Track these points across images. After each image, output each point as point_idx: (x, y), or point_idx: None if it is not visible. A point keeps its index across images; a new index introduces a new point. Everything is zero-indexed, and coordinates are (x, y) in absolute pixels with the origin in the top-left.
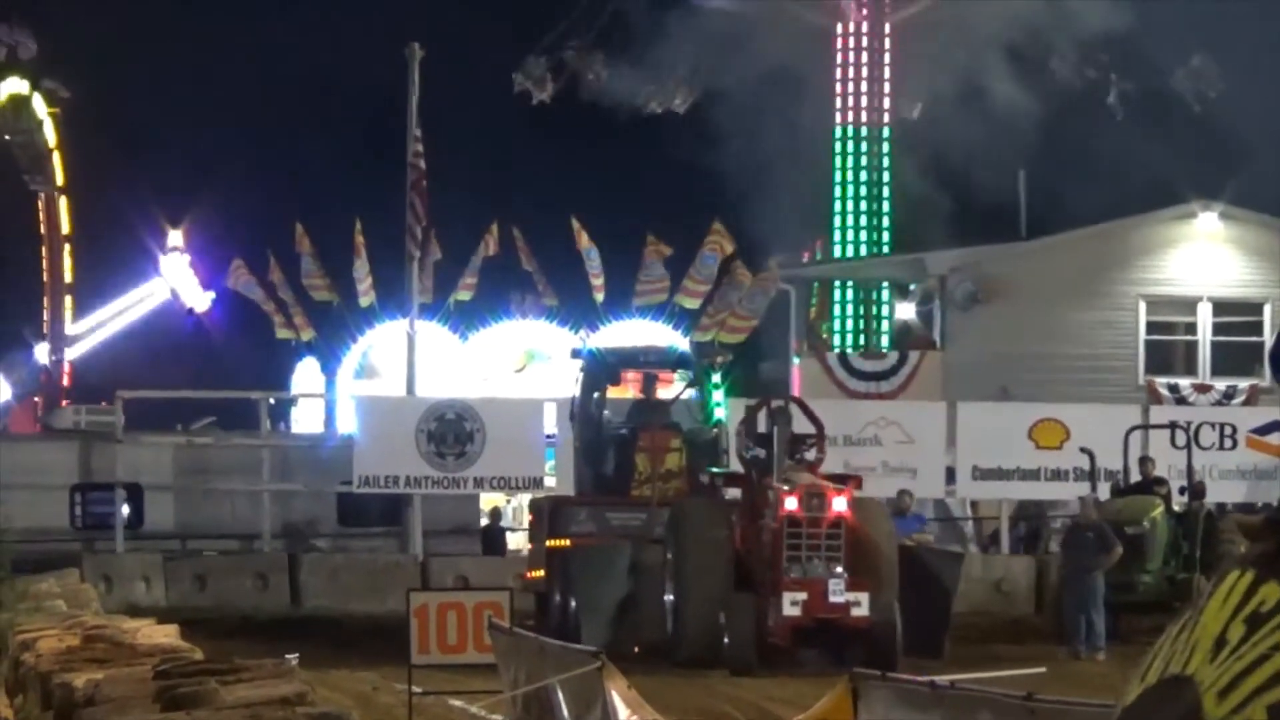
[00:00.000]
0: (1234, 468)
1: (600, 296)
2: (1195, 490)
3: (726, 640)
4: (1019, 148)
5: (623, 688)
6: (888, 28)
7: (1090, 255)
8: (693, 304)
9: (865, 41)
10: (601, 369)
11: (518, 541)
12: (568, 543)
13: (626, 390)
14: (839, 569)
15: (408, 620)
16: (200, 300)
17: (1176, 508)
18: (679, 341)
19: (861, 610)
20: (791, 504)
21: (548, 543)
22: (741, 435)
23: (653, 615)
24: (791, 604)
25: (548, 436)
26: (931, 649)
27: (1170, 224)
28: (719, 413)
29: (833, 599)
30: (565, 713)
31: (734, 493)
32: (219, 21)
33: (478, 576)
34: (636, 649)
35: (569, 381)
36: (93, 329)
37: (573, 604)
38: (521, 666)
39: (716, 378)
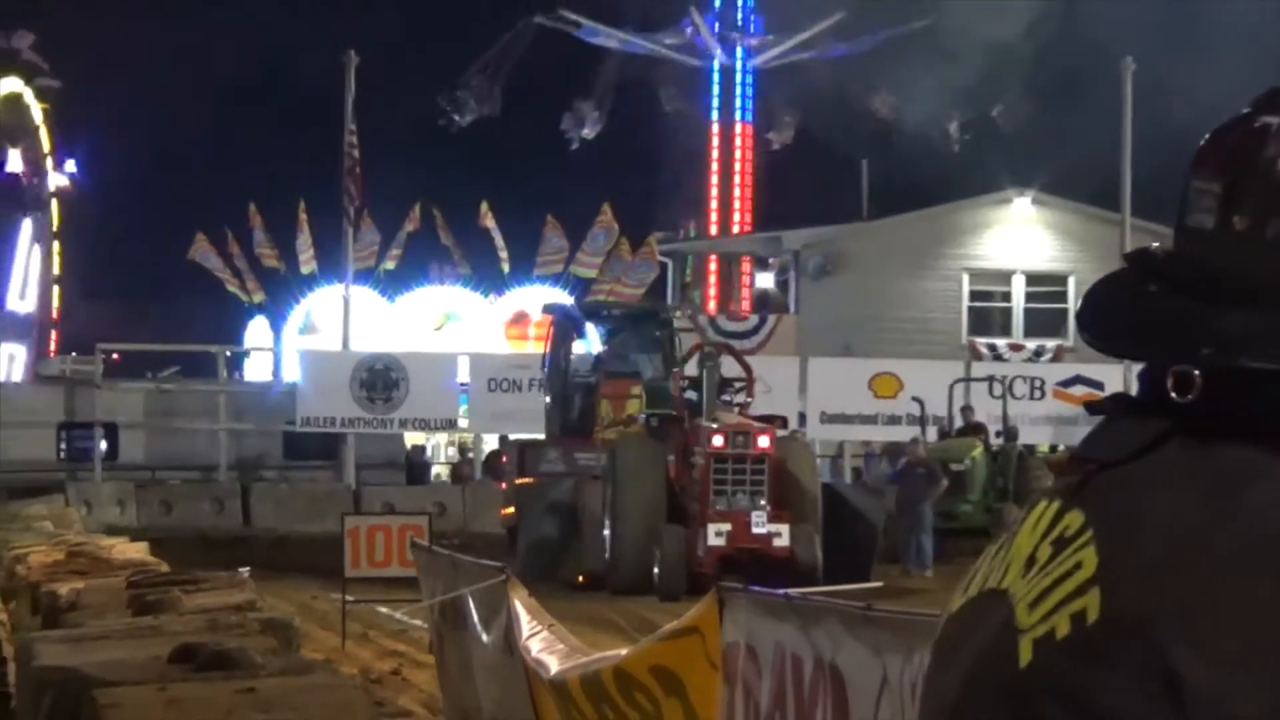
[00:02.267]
0: (1042, 415)
1: (506, 267)
2: (1009, 434)
3: (657, 570)
4: (865, 146)
5: (524, 597)
6: (752, 67)
7: (921, 234)
8: (588, 274)
9: (736, 77)
10: (570, 323)
11: (436, 473)
12: (530, 481)
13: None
14: (762, 502)
15: (342, 540)
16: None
17: (993, 448)
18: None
19: (782, 541)
20: (718, 440)
21: (517, 481)
22: (676, 379)
23: (594, 547)
24: (716, 534)
25: (461, 385)
26: (858, 579)
27: (990, 208)
28: (676, 356)
29: (755, 530)
30: (476, 618)
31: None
32: (187, 29)
33: (402, 503)
34: (580, 579)
35: (480, 338)
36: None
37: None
38: (439, 579)
39: (677, 337)
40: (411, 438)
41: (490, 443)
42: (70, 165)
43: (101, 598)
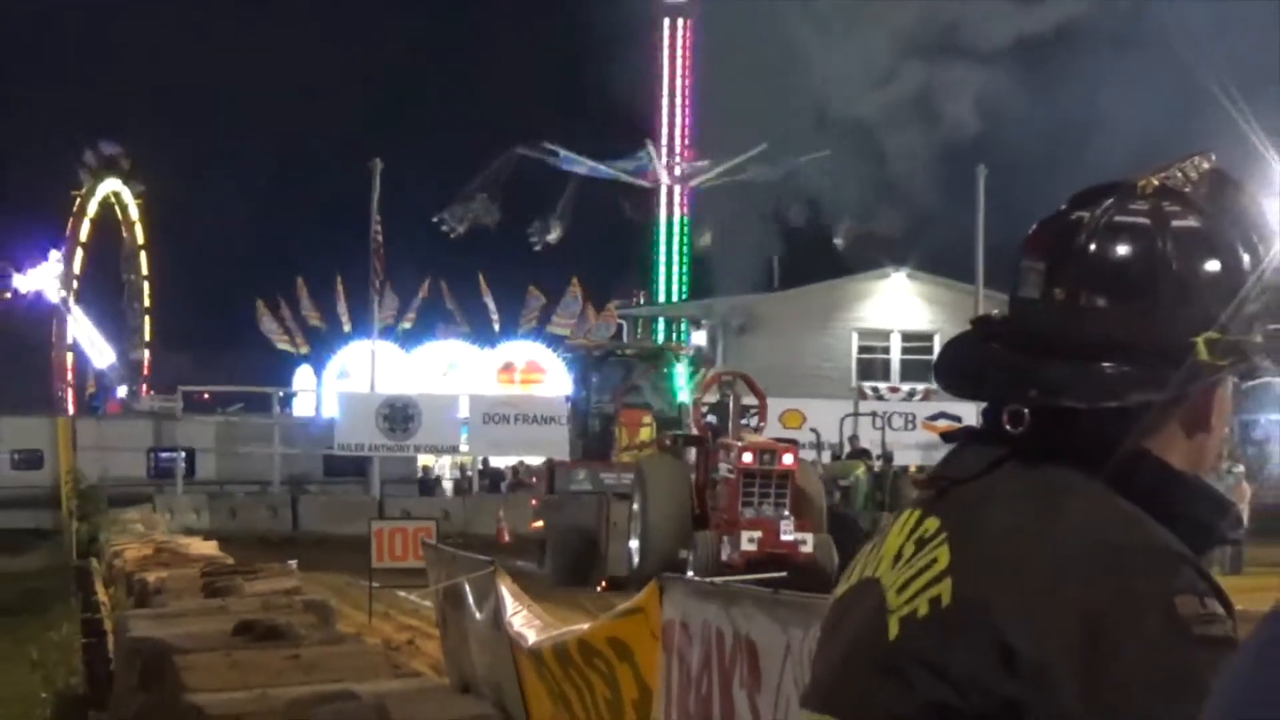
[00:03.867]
0: (913, 442)
1: (497, 326)
2: (887, 457)
3: (690, 571)
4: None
5: (510, 584)
6: (685, 188)
7: (821, 301)
8: (561, 331)
9: (675, 194)
10: (591, 362)
11: (443, 487)
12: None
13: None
14: (786, 513)
15: (369, 539)
16: None
17: (874, 468)
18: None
19: (808, 548)
20: (748, 458)
21: (545, 497)
22: (698, 404)
23: (618, 556)
24: (749, 540)
25: (461, 418)
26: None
27: (873, 281)
28: (682, 395)
29: (784, 537)
30: (471, 600)
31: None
32: (247, 140)
33: (416, 510)
34: (603, 585)
35: (477, 381)
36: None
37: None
38: (443, 570)
39: (680, 368)
40: (423, 460)
41: (491, 463)
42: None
43: (180, 584)
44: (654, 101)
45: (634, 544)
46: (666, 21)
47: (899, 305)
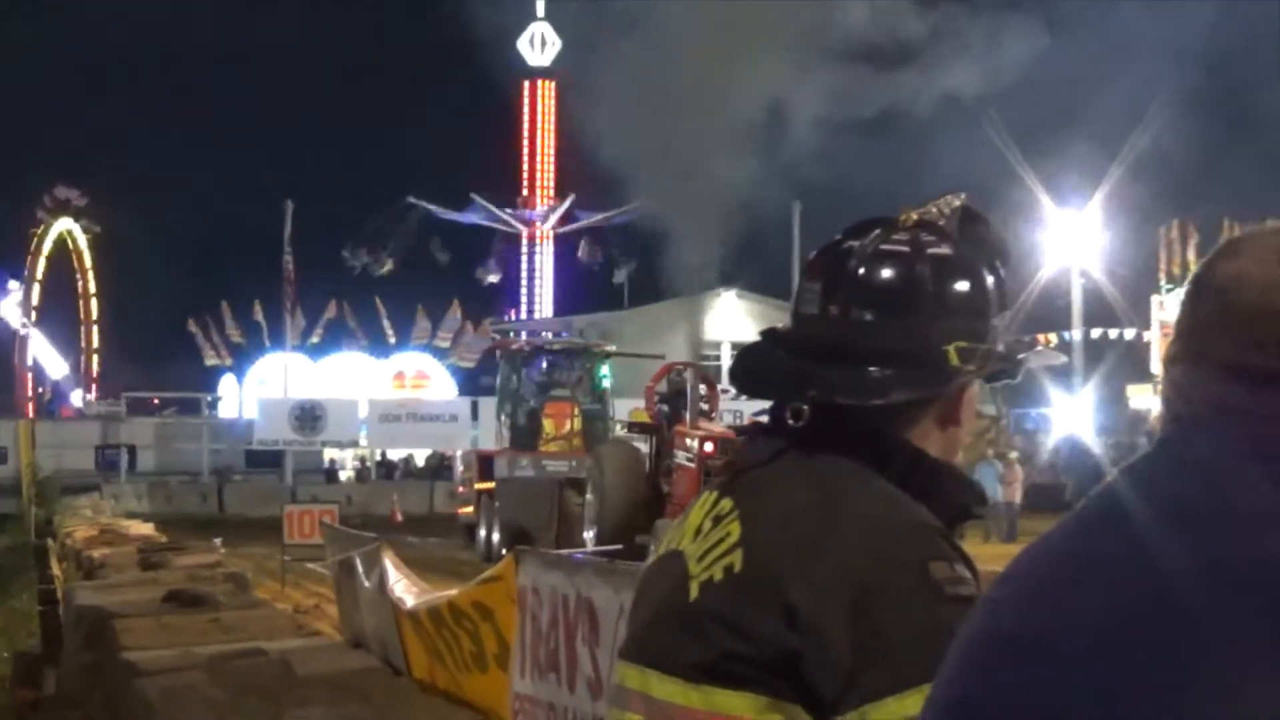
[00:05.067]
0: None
1: (392, 340)
2: None
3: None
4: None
5: (393, 557)
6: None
7: (664, 317)
8: (444, 345)
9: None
10: (519, 359)
11: (345, 476)
12: (492, 485)
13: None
14: None
15: (283, 520)
16: None
17: None
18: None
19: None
20: (709, 446)
21: (477, 485)
22: (651, 393)
23: (570, 541)
24: None
25: (361, 418)
26: None
27: (708, 299)
28: (605, 384)
29: None
30: (361, 571)
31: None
32: (175, 184)
33: (323, 496)
34: None
35: (374, 387)
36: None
37: (495, 532)
38: (339, 546)
39: (604, 368)
40: (329, 453)
41: (387, 455)
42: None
43: (120, 559)
44: (521, 156)
45: (589, 533)
46: (526, 85)
47: (729, 320)
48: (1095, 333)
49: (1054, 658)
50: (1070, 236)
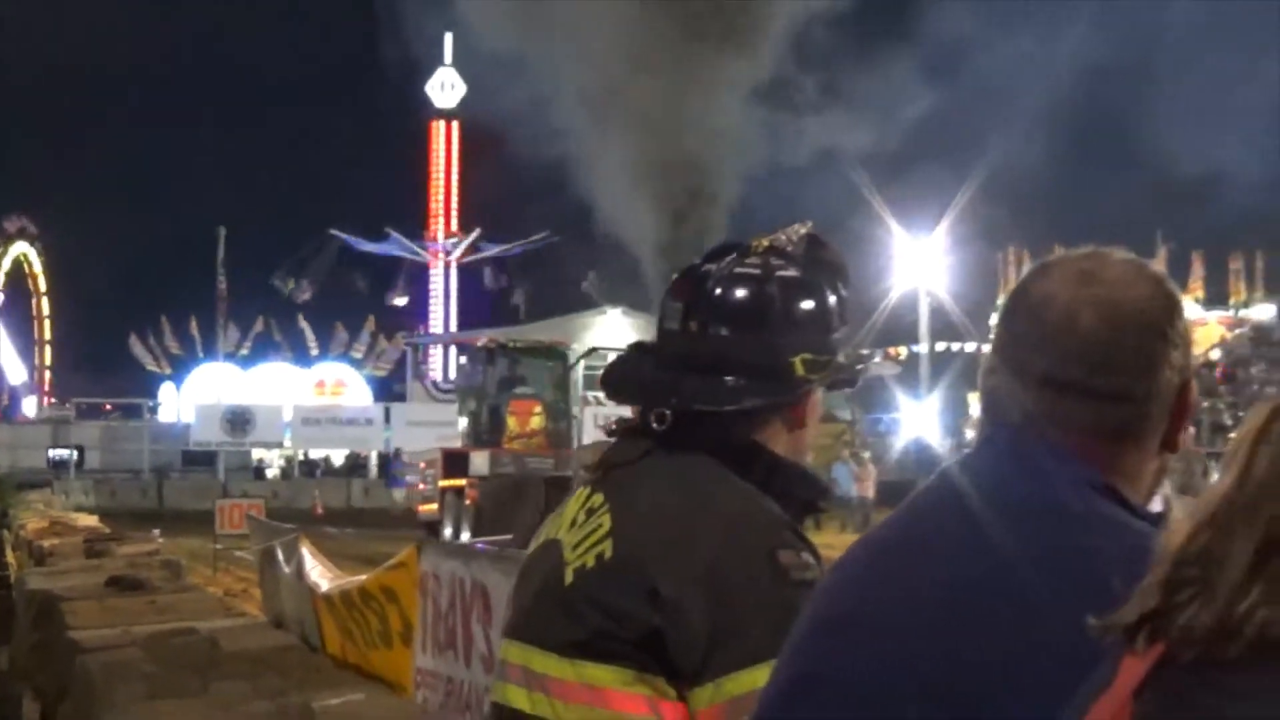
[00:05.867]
0: None
1: (315, 352)
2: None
3: None
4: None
5: (310, 547)
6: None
7: (557, 332)
8: (358, 356)
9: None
10: (484, 357)
11: (271, 474)
12: (462, 482)
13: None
14: None
15: (215, 513)
16: None
17: None
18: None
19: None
20: None
21: (441, 483)
22: None
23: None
24: None
25: (285, 422)
26: None
27: (595, 316)
28: (569, 382)
29: None
30: (281, 559)
31: None
32: (129, 205)
33: (252, 492)
34: None
35: (298, 394)
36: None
37: (465, 530)
38: (263, 536)
39: (568, 361)
40: (257, 453)
41: (310, 455)
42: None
43: (68, 548)
44: (430, 191)
45: None
46: (433, 125)
47: (615, 335)
48: (940, 346)
49: (890, 634)
50: (918, 260)
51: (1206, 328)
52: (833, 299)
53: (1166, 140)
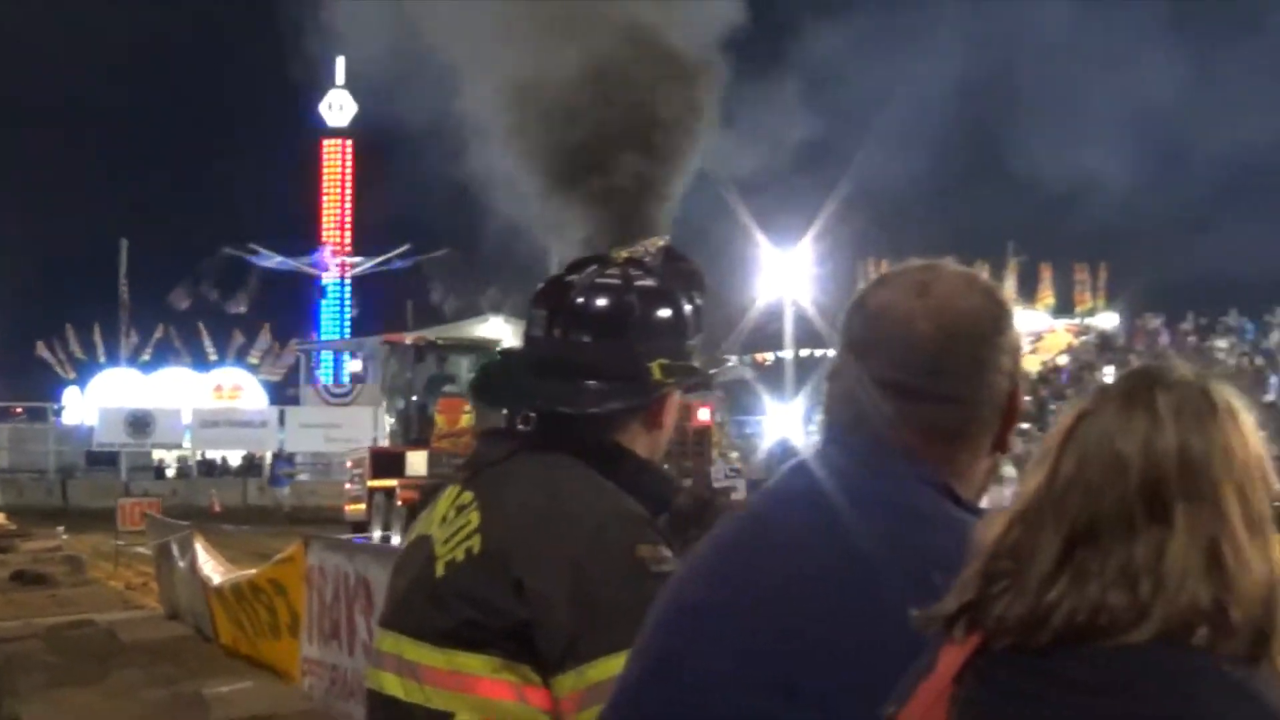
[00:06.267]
0: None
1: (213, 357)
2: None
3: None
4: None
5: (203, 542)
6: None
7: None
8: (254, 362)
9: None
10: (411, 354)
11: (171, 474)
12: (393, 483)
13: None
14: (715, 458)
15: (117, 511)
16: None
17: None
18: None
19: (739, 493)
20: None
21: (370, 483)
22: None
23: None
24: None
25: (185, 424)
26: None
27: (478, 323)
28: None
29: (716, 484)
30: (176, 554)
31: None
32: (35, 219)
33: (152, 491)
34: None
35: (196, 397)
36: None
37: (396, 532)
38: (159, 532)
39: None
40: (157, 454)
41: (207, 456)
42: None
43: None
44: (322, 206)
45: None
46: (326, 143)
47: (498, 340)
48: (805, 352)
49: (737, 624)
50: (784, 271)
51: (1055, 335)
52: (688, 307)
53: (1021, 157)
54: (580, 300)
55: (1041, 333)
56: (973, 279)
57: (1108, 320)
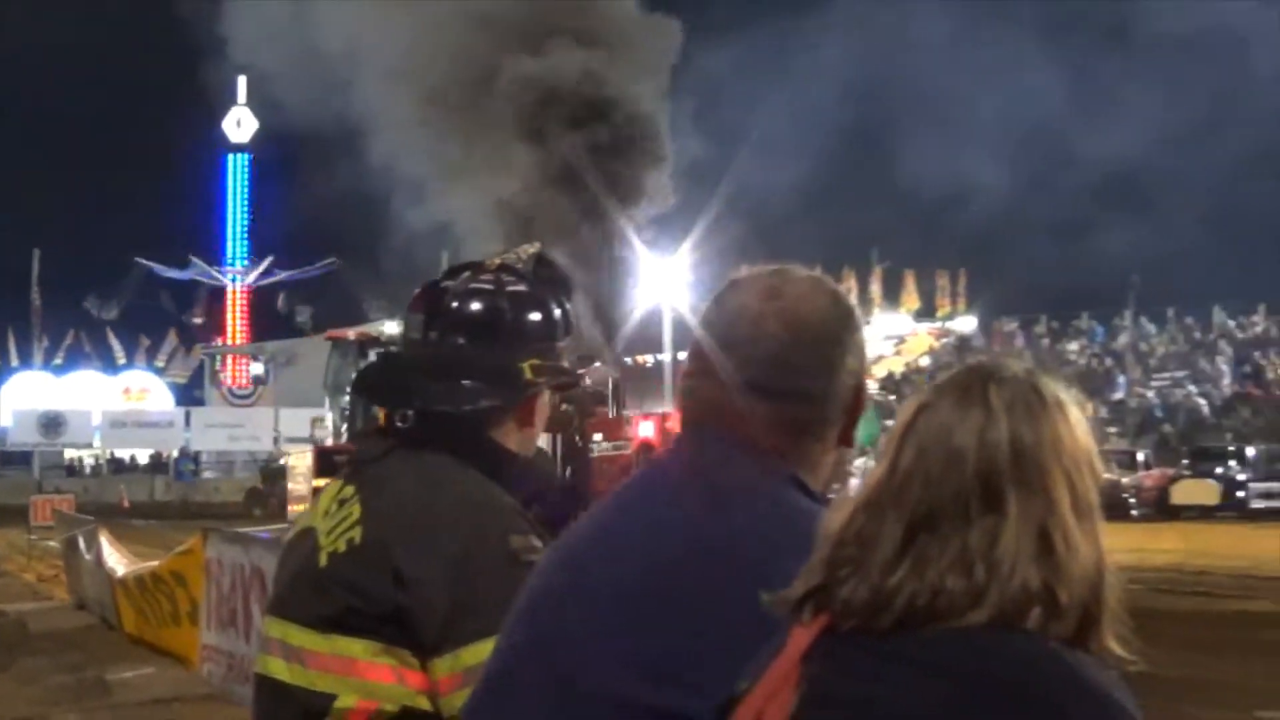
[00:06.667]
0: None
1: (121, 361)
2: None
3: None
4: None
5: (109, 536)
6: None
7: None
8: (161, 365)
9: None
10: (355, 350)
11: (85, 473)
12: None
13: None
14: None
15: (30, 508)
16: None
17: None
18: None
19: None
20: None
21: (315, 482)
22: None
23: None
24: None
25: (95, 425)
26: None
27: (375, 329)
28: None
29: None
30: (83, 547)
31: None
32: None
33: (64, 488)
34: None
35: (106, 399)
36: None
37: None
38: (67, 527)
39: None
40: (69, 453)
41: (116, 455)
42: None
43: None
44: (226, 220)
45: None
46: (229, 159)
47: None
48: (682, 355)
49: (598, 610)
50: (662, 277)
51: (917, 337)
52: (558, 311)
53: (889, 168)
54: (455, 305)
55: (905, 335)
56: (819, 282)
57: (967, 324)
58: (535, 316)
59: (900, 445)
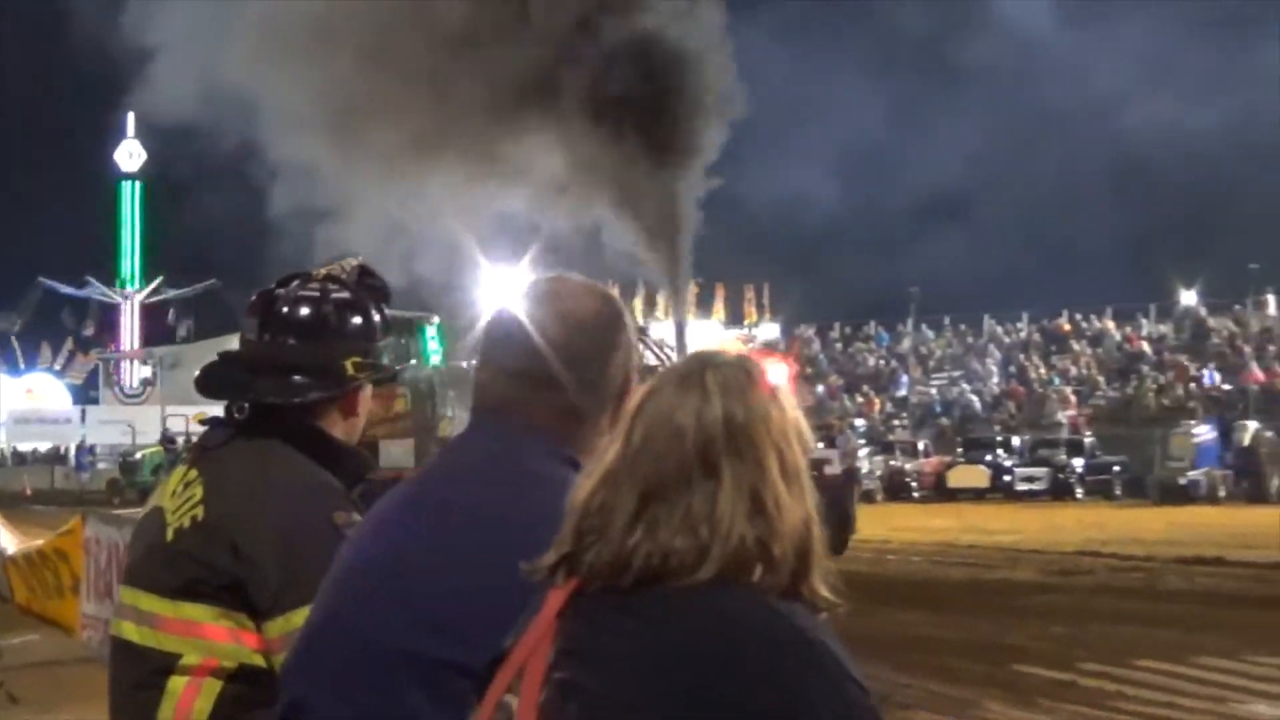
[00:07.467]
0: None
1: (21, 365)
2: None
3: None
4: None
5: (2, 518)
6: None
7: (209, 351)
8: (58, 367)
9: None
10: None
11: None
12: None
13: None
14: None
15: None
16: None
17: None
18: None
19: (834, 468)
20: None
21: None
22: None
23: None
24: None
25: (0, 422)
26: (836, 548)
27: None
28: (434, 359)
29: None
30: None
31: None
32: None
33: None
34: None
35: (12, 399)
36: None
37: None
38: None
39: (431, 333)
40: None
41: (19, 449)
42: None
43: None
44: (119, 242)
45: None
46: (122, 186)
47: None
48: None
49: (396, 578)
50: (505, 286)
51: (726, 343)
52: (376, 315)
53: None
54: (285, 309)
55: (715, 342)
56: (592, 287)
57: (769, 331)
58: (357, 320)
59: (631, 425)
